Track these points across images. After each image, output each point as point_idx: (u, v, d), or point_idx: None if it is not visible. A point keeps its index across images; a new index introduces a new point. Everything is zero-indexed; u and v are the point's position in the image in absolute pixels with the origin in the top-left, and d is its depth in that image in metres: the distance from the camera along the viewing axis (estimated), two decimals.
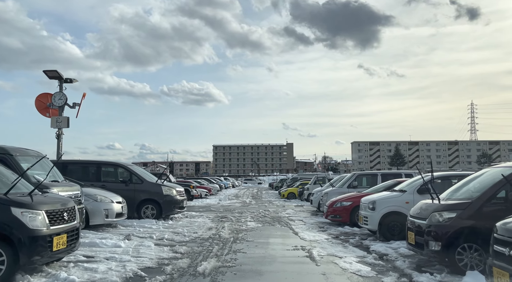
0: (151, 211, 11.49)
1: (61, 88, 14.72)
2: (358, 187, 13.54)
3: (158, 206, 11.50)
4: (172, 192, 11.78)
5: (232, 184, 64.03)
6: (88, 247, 6.90)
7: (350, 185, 13.68)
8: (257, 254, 6.77)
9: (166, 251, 6.83)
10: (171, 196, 11.72)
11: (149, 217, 11.42)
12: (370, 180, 14.25)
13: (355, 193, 11.52)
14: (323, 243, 7.92)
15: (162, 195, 11.56)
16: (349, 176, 14.30)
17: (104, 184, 11.39)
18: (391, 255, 6.66)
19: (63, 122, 14.47)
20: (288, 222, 11.78)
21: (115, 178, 11.82)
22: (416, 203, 7.94)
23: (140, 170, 12.47)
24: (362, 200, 9.09)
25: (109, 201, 9.31)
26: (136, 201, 11.40)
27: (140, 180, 11.64)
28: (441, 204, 5.72)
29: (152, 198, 11.54)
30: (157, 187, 11.64)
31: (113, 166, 12.08)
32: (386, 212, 8.19)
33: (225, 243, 7.75)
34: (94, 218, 8.94)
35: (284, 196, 29.09)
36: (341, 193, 13.50)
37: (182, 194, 12.42)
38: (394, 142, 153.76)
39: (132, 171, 11.70)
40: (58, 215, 5.00)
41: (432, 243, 5.39)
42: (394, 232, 8.14)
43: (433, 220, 5.51)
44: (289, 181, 40.37)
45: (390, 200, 8.36)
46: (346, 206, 10.69)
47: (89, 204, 8.91)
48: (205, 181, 41.34)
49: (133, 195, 11.40)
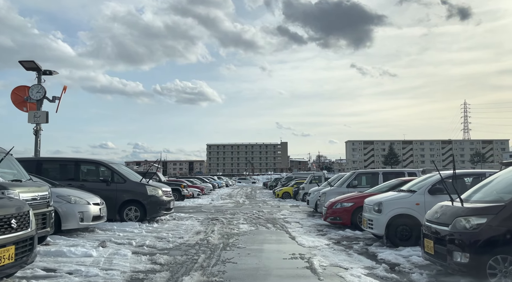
0: (135, 213, 10.53)
1: (40, 81, 13.70)
2: (358, 187, 12.68)
3: (142, 208, 10.55)
4: (157, 193, 10.83)
5: (226, 183, 63.05)
6: (53, 257, 5.94)
7: (349, 184, 12.81)
8: (250, 265, 5.86)
9: (144, 261, 5.89)
10: (157, 196, 10.77)
11: (132, 219, 10.47)
12: (371, 179, 13.40)
13: (356, 193, 10.65)
14: (324, 250, 7.03)
15: (146, 196, 10.61)
16: (348, 175, 13.44)
17: (83, 183, 10.42)
18: (404, 265, 5.78)
19: (41, 117, 13.45)
20: (284, 225, 10.88)
21: (95, 177, 10.84)
22: (427, 204, 7.10)
23: (123, 169, 11.50)
24: (366, 201, 8.21)
25: (85, 203, 8.34)
26: (118, 202, 10.45)
27: (122, 179, 10.67)
28: (466, 208, 4.84)
29: (136, 198, 10.58)
30: (141, 187, 10.68)
31: (93, 164, 11.09)
32: (394, 215, 7.32)
33: (213, 251, 6.83)
34: (66, 222, 7.97)
35: (278, 196, 28.23)
36: (340, 193, 12.64)
37: (169, 194, 11.47)
38: (388, 141, 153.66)
39: (113, 169, 10.73)
40: (3, 223, 4.05)
41: (458, 254, 4.52)
42: (403, 237, 7.27)
43: (458, 226, 4.64)
44: (283, 180, 39.49)
45: (398, 201, 7.48)
46: (347, 207, 9.82)
47: (61, 206, 7.94)
48: (198, 180, 40.34)
49: (114, 195, 10.44)
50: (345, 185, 12.91)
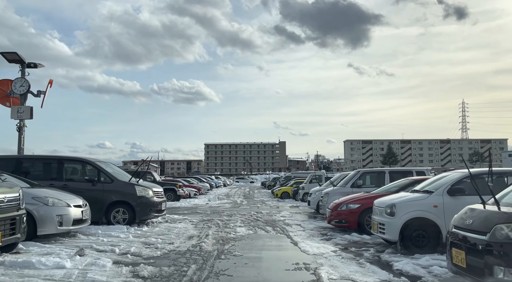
0: (123, 216, 9.71)
1: (23, 74, 12.86)
2: (363, 187, 11.90)
3: (131, 210, 9.73)
4: (147, 193, 10.01)
5: (224, 183, 62.16)
6: (19, 269, 5.13)
7: (354, 184, 12.02)
8: (247, 278, 5.05)
9: (124, 274, 5.08)
10: (147, 197, 9.95)
11: (120, 222, 9.65)
12: (376, 178, 12.63)
13: (362, 193, 9.86)
14: (331, 258, 6.23)
15: (135, 197, 9.79)
16: (352, 174, 12.65)
17: (66, 183, 9.61)
18: (426, 278, 4.99)
19: (25, 113, 12.61)
20: (284, 228, 10.08)
21: (80, 177, 10.02)
22: (447, 207, 6.33)
23: (111, 167, 10.68)
24: (376, 203, 7.42)
25: (64, 205, 7.51)
26: (104, 204, 9.63)
27: (109, 179, 9.85)
28: (505, 213, 4.05)
29: (124, 200, 9.77)
30: (129, 187, 9.86)
31: (78, 162, 10.26)
32: (409, 218, 6.53)
33: (206, 260, 6.02)
34: (43, 227, 7.14)
35: (277, 196, 27.44)
36: (343, 193, 11.85)
37: (160, 195, 10.65)
38: (386, 141, 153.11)
39: (100, 168, 9.91)
40: None
41: (499, 269, 3.72)
42: (419, 243, 6.49)
43: (498, 235, 3.84)
44: (282, 180, 38.75)
45: (413, 203, 6.69)
46: (354, 209, 9.02)
47: (37, 209, 7.11)
48: (195, 180, 39.53)
49: (101, 196, 9.63)
50: (349, 185, 12.12)
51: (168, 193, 22.60)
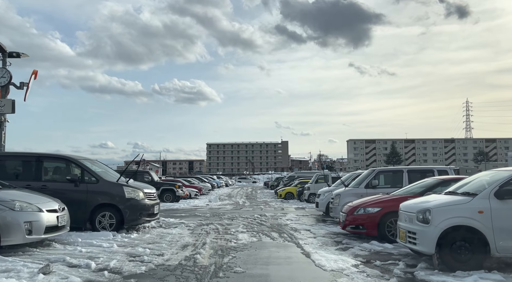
0: (109, 221, 8.57)
1: (5, 64, 11.71)
2: (378, 187, 10.73)
3: (118, 214, 8.59)
4: (137, 195, 8.86)
5: (226, 183, 61.07)
6: None
7: (368, 184, 10.84)
8: None
9: None
10: (136, 199, 8.80)
11: (107, 228, 8.51)
12: (393, 178, 11.44)
13: (381, 195, 8.68)
14: (354, 276, 5.06)
15: (123, 199, 8.64)
16: (366, 173, 11.46)
17: (45, 184, 8.50)
18: None
19: (6, 106, 11.46)
20: (292, 234, 8.92)
21: (62, 176, 8.88)
22: (495, 213, 5.18)
23: (98, 166, 9.54)
24: (404, 207, 6.25)
25: (35, 210, 6.37)
26: (89, 207, 8.50)
27: (94, 179, 8.72)
28: None
29: (111, 202, 8.63)
30: (117, 188, 8.72)
31: (59, 160, 9.11)
32: (448, 227, 5.34)
33: (200, 279, 4.87)
34: (8, 236, 5.99)
35: (281, 197, 26.30)
36: (357, 194, 10.69)
37: (152, 197, 9.50)
38: (390, 140, 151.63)
39: (84, 166, 8.77)
40: None
41: None
42: (461, 257, 5.30)
43: None
44: (285, 180, 37.57)
45: (453, 208, 5.50)
46: (373, 213, 7.85)
47: (1, 215, 5.98)
48: (196, 180, 38.43)
49: (84, 198, 8.50)
50: (363, 185, 10.93)
51: (167, 194, 21.52)
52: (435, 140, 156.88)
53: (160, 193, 21.41)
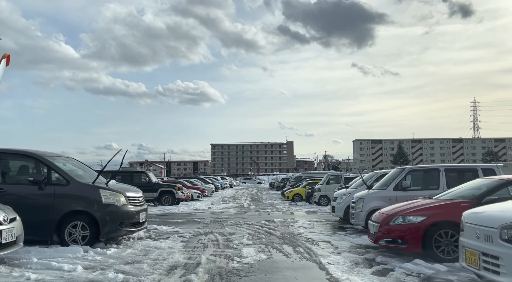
0: (82, 232, 6.88)
1: None
2: (409, 189, 8.97)
3: (93, 223, 6.90)
4: (117, 200, 7.15)
5: (230, 184, 59.34)
6: None
7: (398, 185, 9.08)
8: None
9: None
10: (116, 205, 7.09)
11: (78, 241, 6.82)
12: (426, 178, 9.65)
13: (421, 200, 6.90)
14: None
15: (100, 205, 6.95)
16: (395, 173, 9.67)
17: (2, 187, 6.83)
18: None
19: None
20: (310, 248, 7.17)
21: (23, 177, 7.19)
22: None
23: (72, 163, 7.86)
24: (470, 218, 4.49)
25: None
26: (56, 215, 6.81)
27: (64, 180, 7.04)
28: None
29: (84, 209, 6.94)
30: (92, 191, 7.02)
31: (19, 156, 7.38)
32: None
33: None
34: None
35: (288, 198, 24.57)
36: (384, 198, 8.97)
37: (138, 202, 7.77)
38: (396, 140, 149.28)
39: (50, 165, 7.09)
40: None
41: None
42: None
43: None
44: (292, 181, 35.83)
45: None
46: (416, 223, 6.08)
47: None
48: (199, 181, 36.79)
49: (51, 204, 6.82)
50: (391, 186, 9.17)
51: (165, 196, 19.86)
52: (442, 140, 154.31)
53: (158, 196, 19.79)
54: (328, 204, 19.66)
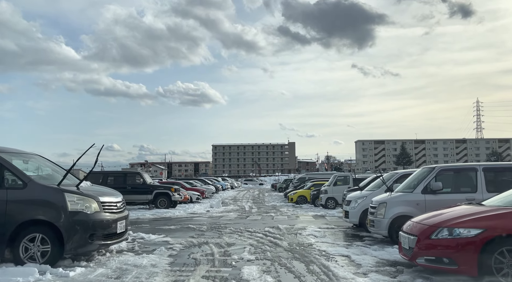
0: (41, 247, 5.48)
1: None
2: (439, 192, 7.55)
3: (56, 236, 5.51)
4: (88, 206, 5.76)
5: (231, 185, 57.97)
6: None
7: (427, 187, 7.66)
8: None
9: None
10: (86, 213, 5.70)
11: (37, 259, 5.44)
12: (460, 179, 8.20)
13: (471, 207, 5.48)
14: None
15: (65, 213, 5.56)
16: (422, 173, 8.23)
17: None
18: None
19: None
20: (326, 265, 5.75)
21: None
22: None
23: (35, 162, 6.47)
24: None
25: None
26: (9, 226, 5.43)
27: (20, 182, 5.65)
28: None
29: (44, 218, 5.54)
30: (55, 196, 5.63)
31: None
32: None
33: None
34: None
35: (292, 201, 23.15)
36: (411, 202, 7.58)
37: (115, 208, 6.35)
38: (399, 141, 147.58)
39: (2, 162, 5.71)
40: None
41: None
42: None
43: None
44: (296, 182, 34.40)
45: None
46: (469, 238, 4.67)
47: None
48: (199, 182, 35.41)
49: (2, 212, 5.44)
50: (419, 189, 7.74)
51: (161, 199, 18.46)
52: (446, 141, 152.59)
53: (154, 198, 18.40)
54: (336, 207, 18.29)
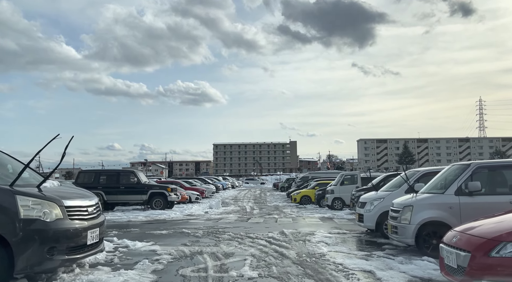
0: None
1: None
2: (476, 194, 6.36)
3: (4, 251, 4.33)
4: (47, 212, 4.56)
5: (232, 184, 56.85)
6: None
7: (461, 188, 6.46)
8: None
9: None
10: (45, 222, 4.50)
11: None
12: (501, 178, 6.99)
13: None
14: None
15: (16, 221, 4.37)
16: (454, 171, 7.03)
17: None
18: None
19: None
20: None
21: None
22: None
23: None
24: None
25: None
26: None
27: None
28: None
29: None
30: (2, 199, 4.45)
31: None
32: None
33: None
34: None
35: (296, 201, 22.02)
36: (442, 206, 6.42)
37: (86, 214, 5.15)
38: (402, 140, 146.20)
39: None
40: None
41: None
42: None
43: None
44: (298, 181, 33.25)
45: None
46: None
47: None
48: (199, 181, 34.27)
49: None
50: (451, 189, 6.53)
51: (156, 199, 17.28)
52: (449, 140, 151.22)
53: (149, 198, 17.24)
54: (343, 207, 17.14)
